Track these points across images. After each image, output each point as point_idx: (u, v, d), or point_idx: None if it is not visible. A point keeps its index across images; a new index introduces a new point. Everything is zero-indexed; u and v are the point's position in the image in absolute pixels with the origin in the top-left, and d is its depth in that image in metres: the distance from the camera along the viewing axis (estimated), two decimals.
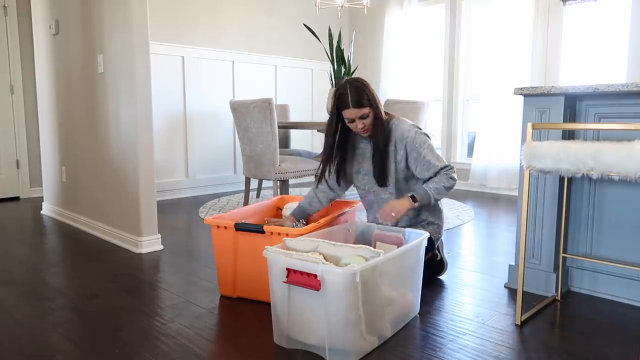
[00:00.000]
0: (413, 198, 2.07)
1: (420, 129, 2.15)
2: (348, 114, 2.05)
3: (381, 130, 2.09)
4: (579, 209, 2.14)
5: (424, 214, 2.22)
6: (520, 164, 1.90)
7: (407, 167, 2.15)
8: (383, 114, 2.12)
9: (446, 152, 5.34)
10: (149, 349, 1.66)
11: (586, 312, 1.96)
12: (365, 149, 2.22)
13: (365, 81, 2.10)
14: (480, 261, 2.64)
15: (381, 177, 2.15)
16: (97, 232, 3.23)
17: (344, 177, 2.27)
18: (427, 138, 2.13)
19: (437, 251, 2.29)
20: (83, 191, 3.40)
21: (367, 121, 2.07)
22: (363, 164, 2.23)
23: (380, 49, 5.71)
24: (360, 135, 2.17)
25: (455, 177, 2.11)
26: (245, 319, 1.89)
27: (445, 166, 2.10)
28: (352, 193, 3.55)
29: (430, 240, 2.21)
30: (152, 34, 4.34)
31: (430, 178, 2.11)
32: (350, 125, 2.10)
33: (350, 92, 2.03)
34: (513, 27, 4.56)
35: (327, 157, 2.21)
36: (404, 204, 2.06)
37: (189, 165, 4.75)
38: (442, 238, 2.40)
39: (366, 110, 2.04)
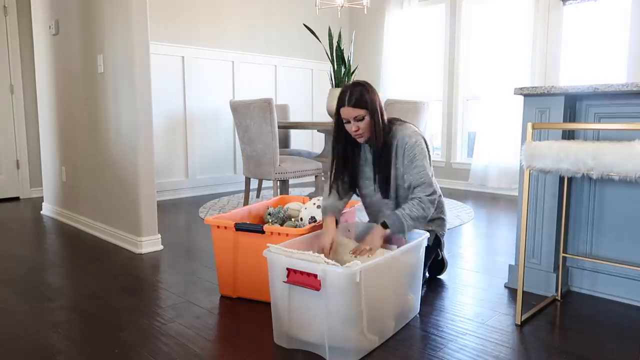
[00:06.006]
0: (384, 225, 1.92)
1: (423, 138, 2.07)
2: (344, 112, 1.98)
3: (379, 137, 2.01)
4: (579, 209, 2.14)
5: None
6: (520, 164, 1.90)
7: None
8: (382, 121, 2.02)
9: (446, 152, 5.35)
10: (149, 349, 1.66)
11: (586, 312, 1.96)
12: (369, 158, 2.13)
13: (370, 85, 2.02)
14: (480, 261, 2.64)
15: (385, 186, 2.07)
16: (97, 232, 3.23)
17: (349, 188, 2.19)
18: (426, 150, 2.04)
19: (439, 250, 2.29)
20: (83, 191, 3.40)
21: (362, 125, 1.98)
22: (367, 173, 2.15)
23: (380, 49, 5.71)
24: (367, 145, 2.09)
25: (434, 206, 2.00)
26: (245, 319, 1.89)
27: (433, 192, 1.99)
28: None
29: (437, 238, 2.21)
30: (152, 34, 4.33)
31: (410, 195, 2.02)
32: (347, 127, 2.02)
33: (351, 91, 1.97)
34: (513, 27, 4.56)
35: (338, 167, 2.11)
36: (378, 237, 1.91)
37: (188, 165, 4.75)
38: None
39: (362, 112, 1.96)
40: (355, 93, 1.97)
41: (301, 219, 2.22)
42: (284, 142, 4.59)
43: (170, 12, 4.53)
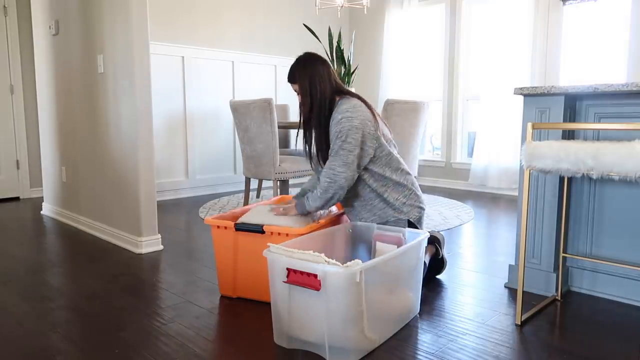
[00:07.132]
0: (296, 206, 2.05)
1: (352, 117, 1.97)
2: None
3: (314, 110, 2.04)
4: (579, 209, 2.14)
5: (393, 199, 2.12)
6: (520, 163, 1.90)
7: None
8: (317, 94, 2.03)
9: (446, 152, 5.35)
10: (149, 349, 1.66)
11: (586, 312, 1.96)
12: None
13: (308, 58, 2.07)
14: (480, 261, 2.64)
15: (319, 161, 2.10)
16: (97, 232, 3.23)
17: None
18: (347, 131, 1.96)
19: (439, 249, 2.29)
20: (83, 191, 3.40)
21: (300, 98, 2.07)
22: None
23: (380, 49, 5.71)
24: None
25: (330, 193, 1.99)
26: (245, 319, 1.89)
27: (330, 178, 1.99)
28: None
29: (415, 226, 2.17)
30: (152, 34, 4.34)
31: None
32: None
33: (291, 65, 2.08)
34: (513, 27, 4.56)
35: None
36: (292, 208, 2.05)
37: (189, 165, 4.75)
38: (443, 235, 2.40)
39: (295, 86, 2.07)
40: (290, 67, 2.08)
41: None
42: (284, 142, 4.59)
43: (170, 12, 4.53)
